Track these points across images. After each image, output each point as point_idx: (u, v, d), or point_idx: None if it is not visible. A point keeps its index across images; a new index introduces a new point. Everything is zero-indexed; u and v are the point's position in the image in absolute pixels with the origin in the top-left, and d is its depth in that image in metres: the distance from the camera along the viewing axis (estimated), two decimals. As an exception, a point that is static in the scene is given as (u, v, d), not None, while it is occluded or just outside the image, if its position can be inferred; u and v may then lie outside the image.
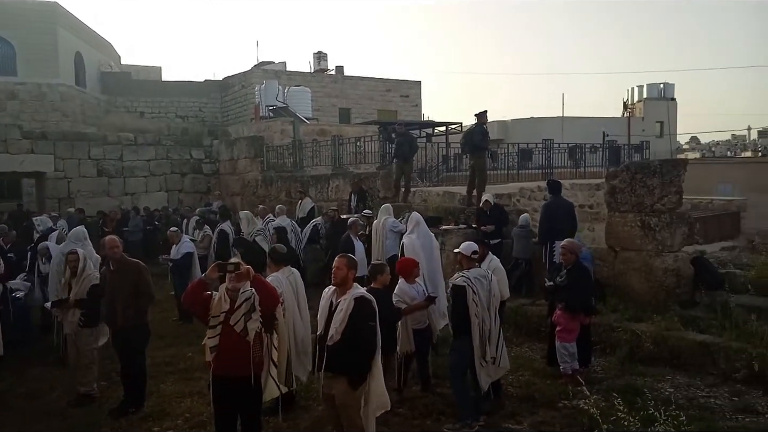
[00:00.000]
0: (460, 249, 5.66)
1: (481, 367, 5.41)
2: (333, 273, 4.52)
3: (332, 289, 4.58)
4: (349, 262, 4.52)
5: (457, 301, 5.39)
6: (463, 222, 10.57)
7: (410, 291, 6.04)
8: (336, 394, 4.40)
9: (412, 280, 6.14)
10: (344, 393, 4.35)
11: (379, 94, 30.70)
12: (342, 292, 4.46)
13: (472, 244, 5.77)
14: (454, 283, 5.43)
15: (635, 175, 8.43)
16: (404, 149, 11.90)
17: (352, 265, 4.53)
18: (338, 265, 4.49)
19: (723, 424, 5.18)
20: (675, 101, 42.07)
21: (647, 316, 7.49)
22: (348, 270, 4.47)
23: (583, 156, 19.24)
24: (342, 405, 4.40)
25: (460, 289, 5.37)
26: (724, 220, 17.09)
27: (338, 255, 4.67)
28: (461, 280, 5.40)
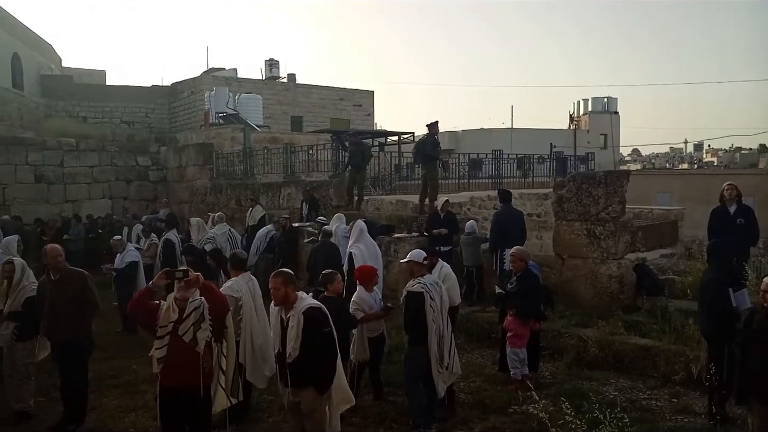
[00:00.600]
0: (411, 257, 5.67)
1: (438, 373, 5.44)
2: (272, 294, 4.43)
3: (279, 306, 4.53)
4: (285, 279, 4.42)
5: (413, 308, 5.38)
6: (416, 230, 10.66)
7: (368, 299, 6.06)
8: (303, 402, 4.39)
9: (371, 288, 6.17)
10: (312, 400, 4.36)
11: (331, 103, 30.66)
12: (288, 308, 4.41)
13: (420, 251, 5.80)
14: (410, 290, 5.42)
15: (581, 186, 8.70)
16: (357, 158, 11.92)
17: (289, 281, 4.44)
18: (274, 286, 4.39)
19: (663, 425, 5.39)
20: (618, 115, 43.77)
21: (593, 321, 7.72)
22: (286, 287, 4.39)
23: (531, 166, 19.74)
24: (309, 411, 4.39)
25: (418, 295, 5.38)
26: (663, 229, 17.78)
27: (273, 274, 4.52)
28: (419, 287, 5.41)
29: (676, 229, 18.70)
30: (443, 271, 6.56)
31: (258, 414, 6.00)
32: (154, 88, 30.14)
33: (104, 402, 6.45)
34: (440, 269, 6.53)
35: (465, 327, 8.41)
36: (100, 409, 6.24)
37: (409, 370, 5.50)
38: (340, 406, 4.59)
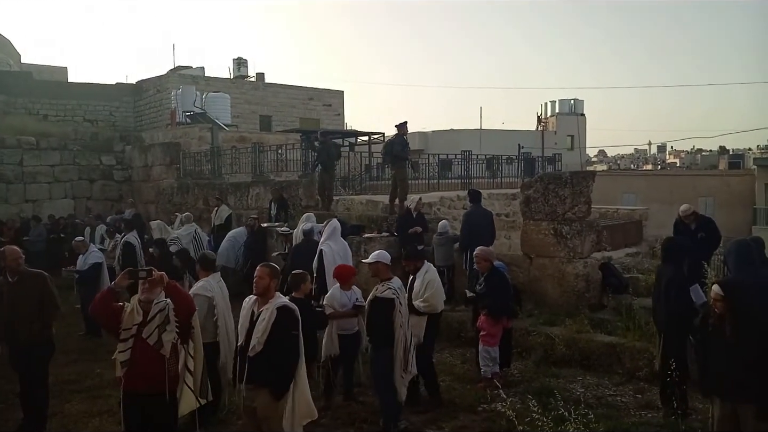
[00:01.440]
0: (379, 258, 5.58)
1: (401, 378, 5.42)
2: (255, 282, 4.40)
3: (253, 299, 4.48)
4: (271, 271, 4.43)
5: (382, 313, 5.35)
6: (386, 230, 10.66)
7: (341, 298, 6.07)
8: (258, 407, 4.29)
9: (348, 287, 6.16)
10: (267, 405, 4.26)
11: (301, 102, 30.46)
12: (264, 302, 4.38)
13: (386, 252, 5.77)
14: (380, 296, 5.36)
15: (548, 186, 8.82)
16: (324, 157, 11.87)
17: (274, 275, 4.45)
18: (260, 275, 4.39)
19: (628, 420, 5.50)
20: (584, 117, 44.64)
21: (560, 319, 7.84)
22: (270, 279, 4.39)
23: (499, 167, 19.98)
24: (264, 417, 4.29)
25: (389, 302, 5.32)
26: (628, 228, 18.13)
27: (260, 264, 4.56)
28: (390, 293, 5.35)
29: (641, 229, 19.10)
30: (427, 276, 6.20)
31: (228, 416, 5.91)
32: (118, 85, 29.48)
33: (66, 407, 6.27)
34: (425, 273, 6.23)
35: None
36: (62, 415, 6.06)
37: (378, 372, 5.49)
38: (303, 420, 4.49)
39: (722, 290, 4.10)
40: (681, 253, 5.77)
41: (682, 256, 5.75)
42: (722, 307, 4.07)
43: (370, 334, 5.55)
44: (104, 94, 28.25)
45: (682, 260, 5.74)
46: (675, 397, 5.33)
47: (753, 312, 4.12)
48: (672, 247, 5.86)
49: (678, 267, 5.66)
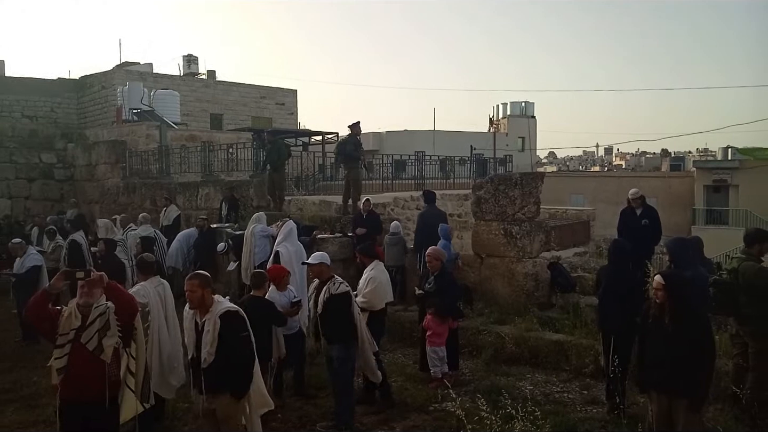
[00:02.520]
0: (323, 260, 5.62)
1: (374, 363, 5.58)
2: (187, 297, 4.29)
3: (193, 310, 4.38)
4: (201, 281, 4.30)
5: (342, 308, 5.38)
6: (339, 231, 10.60)
7: (280, 299, 6.07)
8: (218, 408, 4.25)
9: (284, 287, 6.19)
10: (228, 406, 4.24)
11: (253, 101, 29.99)
12: (204, 312, 4.28)
13: (324, 253, 5.84)
14: (337, 292, 5.38)
15: (499, 187, 8.95)
16: (273, 156, 11.71)
17: (205, 284, 4.32)
18: (190, 288, 4.26)
19: (574, 416, 5.63)
20: (535, 119, 45.63)
21: (510, 318, 7.97)
22: (202, 290, 4.27)
23: (452, 168, 20.17)
24: (226, 417, 4.26)
25: (346, 296, 5.41)
26: (576, 228, 18.63)
27: (188, 277, 4.40)
28: (344, 287, 5.44)
29: (588, 229, 19.68)
30: (371, 273, 6.28)
31: (173, 423, 5.75)
32: (60, 80, 28.29)
33: (1, 417, 5.96)
34: (370, 270, 6.31)
35: (387, 327, 8.41)
36: (-4, 426, 5.77)
37: (342, 371, 5.46)
38: (259, 410, 4.51)
39: (663, 280, 4.26)
40: (625, 253, 5.93)
41: (626, 256, 5.92)
42: (663, 296, 4.23)
43: (329, 333, 5.49)
44: (45, 90, 27.08)
45: (627, 260, 5.91)
46: (617, 393, 5.49)
47: (690, 304, 4.31)
48: (617, 248, 6.02)
49: (623, 266, 5.83)
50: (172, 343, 5.39)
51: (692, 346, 4.19)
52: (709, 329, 4.37)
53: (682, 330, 4.21)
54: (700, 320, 4.33)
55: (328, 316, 5.44)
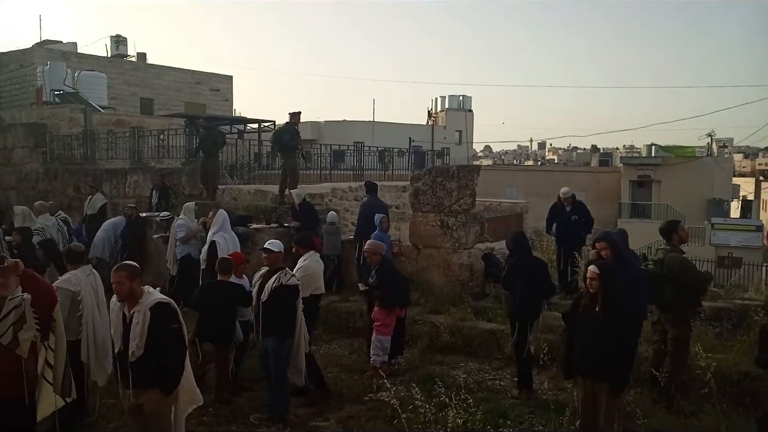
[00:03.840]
0: (274, 248, 5.51)
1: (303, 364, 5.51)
2: (114, 289, 4.11)
3: None
4: (129, 272, 4.11)
5: (288, 300, 5.32)
6: (275, 221, 10.41)
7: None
8: (146, 404, 4.08)
9: (240, 275, 6.35)
10: (156, 402, 4.07)
11: (187, 86, 28.94)
12: (133, 304, 4.09)
13: (279, 241, 5.73)
14: (287, 283, 5.31)
15: (436, 179, 9.05)
16: (208, 144, 11.36)
17: (134, 275, 4.13)
18: (118, 280, 4.07)
19: (505, 402, 5.79)
20: (472, 113, 46.39)
21: (445, 308, 8.08)
22: (131, 281, 4.08)
23: (391, 159, 20.23)
24: (153, 414, 4.09)
25: (295, 288, 5.37)
26: (510, 220, 19.17)
27: (115, 268, 4.20)
28: (294, 280, 5.40)
29: (522, 221, 20.28)
30: (304, 263, 6.27)
31: (98, 420, 5.48)
32: (-28, 58, 26.38)
33: None
34: (303, 261, 6.30)
35: (324, 318, 8.35)
36: None
37: (280, 363, 5.38)
38: (188, 408, 4.35)
39: (598, 270, 4.42)
40: (526, 244, 6.44)
41: (529, 249, 6.46)
42: (597, 285, 4.39)
43: (268, 323, 5.36)
44: (-45, 67, 25.18)
45: (530, 252, 6.45)
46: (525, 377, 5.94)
47: (620, 293, 4.51)
48: (520, 240, 6.42)
49: (528, 255, 6.30)
50: (104, 329, 5.21)
51: (620, 333, 4.38)
52: (634, 317, 4.58)
53: (613, 318, 4.39)
54: (628, 308, 4.54)
55: (272, 306, 5.33)
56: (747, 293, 8.98)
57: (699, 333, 6.26)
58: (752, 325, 6.54)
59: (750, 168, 76.45)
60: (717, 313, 7.21)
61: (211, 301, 6.00)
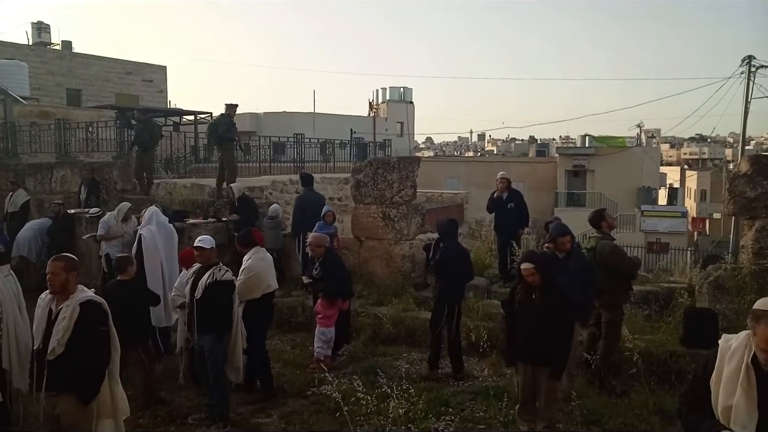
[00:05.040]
0: (205, 244, 5.35)
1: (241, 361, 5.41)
2: (48, 280, 3.90)
3: (50, 296, 3.95)
4: (66, 264, 3.92)
5: (222, 297, 5.20)
6: (213, 216, 10.14)
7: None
8: (62, 413, 3.83)
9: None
10: (73, 411, 3.82)
11: (117, 77, 27.72)
12: (64, 298, 3.87)
13: (210, 237, 5.59)
14: (222, 279, 5.18)
15: (377, 170, 9.03)
16: (145, 137, 10.93)
17: (71, 267, 3.94)
18: (53, 270, 3.88)
19: (447, 390, 5.86)
20: (413, 104, 46.68)
21: (388, 299, 8.11)
22: (67, 273, 3.90)
23: (332, 151, 20.09)
24: (71, 424, 3.84)
25: (231, 284, 5.27)
26: (451, 211, 19.43)
27: (52, 258, 4.03)
28: (229, 275, 5.29)
29: (462, 211, 20.62)
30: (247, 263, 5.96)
31: (22, 429, 5.18)
32: None
33: None
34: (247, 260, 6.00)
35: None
36: None
37: (218, 361, 5.25)
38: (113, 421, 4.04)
39: (533, 263, 4.49)
40: (455, 230, 6.73)
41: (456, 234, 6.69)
42: (535, 279, 4.47)
43: (203, 321, 5.21)
44: None
45: (457, 238, 6.74)
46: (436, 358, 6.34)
47: (556, 281, 4.62)
48: (449, 226, 6.69)
49: (455, 241, 6.59)
50: (26, 333, 4.91)
51: (557, 319, 4.49)
52: (570, 304, 4.71)
53: (550, 305, 4.49)
54: (564, 295, 4.66)
55: (206, 304, 5.19)
56: (673, 277, 9.47)
57: (629, 316, 6.53)
58: (677, 307, 6.88)
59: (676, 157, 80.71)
60: (645, 296, 7.56)
61: (117, 302, 5.79)
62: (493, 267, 9.18)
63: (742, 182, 6.66)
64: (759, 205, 6.55)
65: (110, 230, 8.46)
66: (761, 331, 2.23)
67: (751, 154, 8.42)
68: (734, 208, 6.79)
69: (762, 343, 2.23)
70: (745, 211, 6.69)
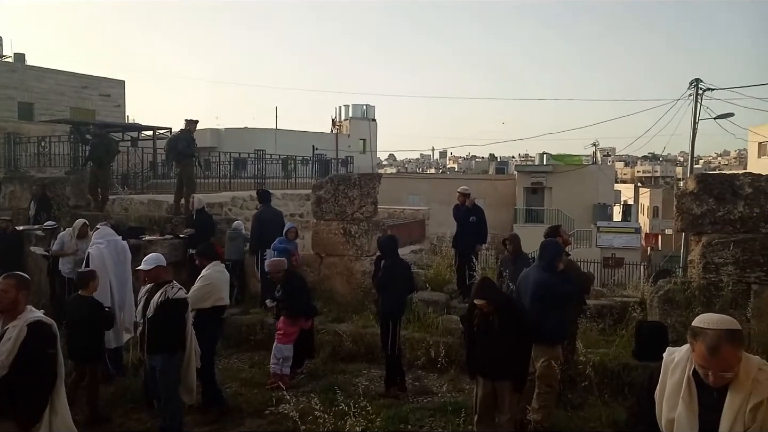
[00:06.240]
0: (158, 263, 5.23)
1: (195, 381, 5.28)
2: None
3: None
4: (18, 282, 3.76)
5: (175, 315, 5.08)
6: (170, 232, 9.95)
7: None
8: None
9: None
10: None
11: (72, 91, 27.04)
12: (11, 318, 3.71)
13: (160, 255, 5.47)
14: (174, 297, 5.07)
15: (338, 187, 9.03)
16: (100, 152, 10.67)
17: (23, 286, 3.78)
18: (4, 288, 3.70)
19: (406, 407, 5.84)
20: (376, 122, 46.98)
21: (348, 316, 8.07)
22: (18, 291, 3.73)
23: (294, 167, 20.02)
24: None
25: (184, 303, 5.15)
26: (413, 227, 19.53)
27: (3, 275, 3.86)
28: (183, 293, 5.18)
29: (424, 227, 20.72)
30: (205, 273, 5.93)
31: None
32: None
33: None
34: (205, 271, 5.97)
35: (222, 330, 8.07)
36: None
37: (170, 381, 5.12)
38: None
39: (485, 299, 4.56)
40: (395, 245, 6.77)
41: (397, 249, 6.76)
42: (489, 309, 4.56)
43: (155, 340, 5.08)
44: None
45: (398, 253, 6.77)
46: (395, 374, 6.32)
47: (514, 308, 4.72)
48: (389, 242, 6.76)
49: (396, 256, 6.64)
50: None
51: (517, 337, 4.58)
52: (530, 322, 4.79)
53: (508, 328, 4.57)
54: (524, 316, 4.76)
55: (159, 322, 5.07)
56: (626, 291, 9.71)
57: (584, 330, 6.67)
58: (630, 321, 7.07)
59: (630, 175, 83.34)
60: (600, 310, 7.73)
61: (73, 318, 5.72)
62: (452, 282, 9.26)
63: (689, 200, 6.91)
64: (705, 221, 6.80)
65: (64, 246, 8.22)
66: (698, 348, 2.30)
67: (697, 173, 8.75)
68: (682, 224, 7.03)
69: (699, 359, 2.30)
70: (692, 227, 6.93)
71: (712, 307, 6.20)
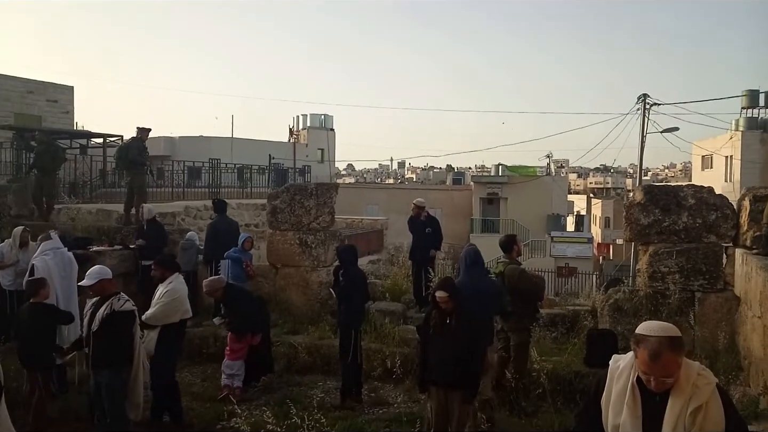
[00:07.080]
0: (102, 276, 5.07)
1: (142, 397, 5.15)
2: None
3: None
4: None
5: (121, 328, 4.93)
6: (119, 243, 9.65)
7: None
8: None
9: None
10: None
11: (17, 96, 25.94)
12: None
13: (105, 267, 5.29)
14: (120, 309, 4.92)
15: (294, 197, 8.95)
16: (46, 159, 10.28)
17: None
18: None
19: (362, 418, 5.80)
20: (334, 131, 46.91)
21: (304, 327, 7.98)
22: None
23: (250, 177, 19.79)
24: None
25: (130, 314, 5.02)
26: (371, 237, 19.55)
27: None
28: (130, 305, 5.02)
29: (382, 237, 20.77)
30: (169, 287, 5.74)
31: None
32: None
33: None
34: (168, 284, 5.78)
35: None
36: None
37: (116, 396, 4.95)
38: None
39: (446, 291, 4.59)
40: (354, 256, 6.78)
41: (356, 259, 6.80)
42: (449, 305, 4.57)
43: (100, 355, 4.91)
44: None
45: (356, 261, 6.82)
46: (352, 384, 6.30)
47: (470, 307, 4.73)
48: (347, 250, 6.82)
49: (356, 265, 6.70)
50: None
51: (470, 344, 4.60)
52: (482, 329, 4.83)
53: (464, 330, 4.59)
54: (478, 321, 4.79)
55: (104, 336, 4.89)
56: (579, 300, 9.94)
57: (538, 338, 6.77)
58: (582, 329, 7.23)
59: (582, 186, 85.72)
60: (553, 318, 7.89)
61: (22, 326, 5.56)
62: (409, 292, 9.28)
63: (636, 210, 7.14)
64: (651, 231, 7.03)
65: (4, 258, 7.83)
66: (641, 354, 2.36)
67: (644, 185, 9.05)
68: (630, 234, 7.25)
69: (642, 365, 2.37)
70: (640, 237, 7.16)
71: (659, 315, 6.41)
